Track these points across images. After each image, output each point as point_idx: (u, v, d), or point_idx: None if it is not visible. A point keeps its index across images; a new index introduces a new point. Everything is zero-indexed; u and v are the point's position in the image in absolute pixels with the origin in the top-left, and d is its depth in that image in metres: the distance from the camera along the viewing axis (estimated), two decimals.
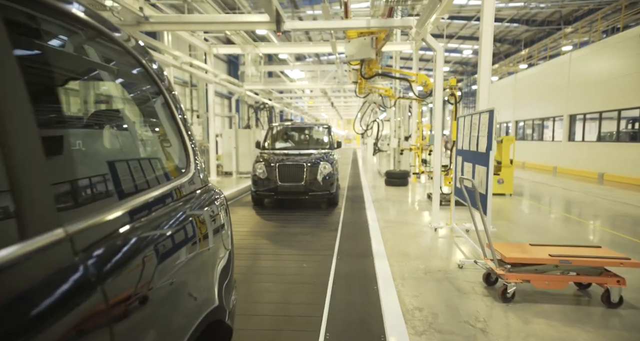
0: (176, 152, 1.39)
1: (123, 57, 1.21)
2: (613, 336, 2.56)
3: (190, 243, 1.20)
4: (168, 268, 1.05)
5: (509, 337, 2.56)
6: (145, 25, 5.52)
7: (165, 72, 1.42)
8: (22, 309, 0.59)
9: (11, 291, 0.59)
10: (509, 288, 3.05)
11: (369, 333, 2.60)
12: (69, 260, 0.73)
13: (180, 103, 1.45)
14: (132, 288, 0.88)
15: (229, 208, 1.70)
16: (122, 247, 0.88)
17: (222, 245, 1.49)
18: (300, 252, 4.47)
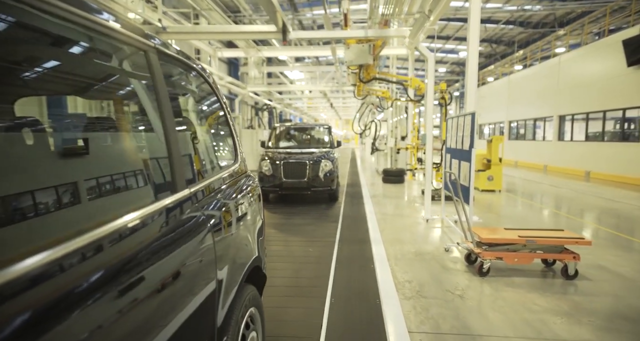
0: (230, 147, 1.95)
1: (200, 80, 1.77)
2: (565, 300, 3.12)
3: (244, 206, 1.76)
4: (236, 219, 1.61)
5: (481, 301, 3.12)
6: (163, 35, 6.06)
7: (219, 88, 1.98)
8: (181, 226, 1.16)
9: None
10: (484, 264, 3.61)
11: (367, 298, 3.16)
12: (193, 207, 1.29)
13: (230, 111, 2.01)
14: (223, 223, 1.44)
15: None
16: (217, 200, 1.45)
17: (258, 213, 2.05)
18: (305, 239, 5.02)
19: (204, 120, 1.90)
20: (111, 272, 0.82)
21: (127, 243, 0.91)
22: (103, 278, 0.79)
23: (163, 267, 1.01)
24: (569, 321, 2.75)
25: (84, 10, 0.92)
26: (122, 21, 1.12)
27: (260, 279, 2.03)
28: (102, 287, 0.78)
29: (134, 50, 1.19)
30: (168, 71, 1.43)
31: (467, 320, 2.78)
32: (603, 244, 4.82)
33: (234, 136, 1.98)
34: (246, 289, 1.72)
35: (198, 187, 1.36)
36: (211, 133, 1.89)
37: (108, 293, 0.79)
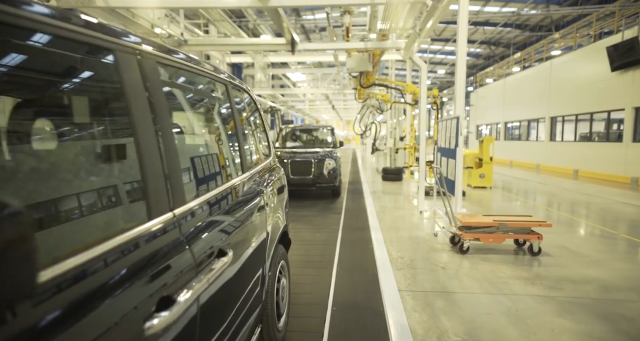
0: (266, 145, 2.68)
1: (244, 94, 2.49)
2: (527, 269, 3.84)
3: (277, 187, 2.49)
4: (272, 197, 2.33)
5: (459, 271, 3.84)
6: (184, 47, 6.80)
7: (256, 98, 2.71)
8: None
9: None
10: (464, 244, 4.33)
11: (366, 269, 3.88)
12: (254, 182, 2.02)
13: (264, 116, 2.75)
14: (269, 194, 2.18)
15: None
16: (264, 179, 2.19)
17: (284, 191, 2.78)
18: (312, 227, 5.74)
19: (254, 127, 2.62)
20: (232, 204, 1.58)
21: (235, 191, 1.69)
22: (230, 206, 1.54)
23: (250, 207, 1.80)
24: (525, 283, 3.47)
25: (196, 65, 1.64)
26: (216, 68, 1.86)
27: (287, 242, 2.76)
28: (230, 211, 1.53)
29: (221, 85, 1.93)
30: (237, 95, 2.16)
31: (445, 283, 3.50)
32: (570, 230, 5.54)
33: (269, 138, 2.71)
34: (279, 247, 2.45)
35: (254, 170, 2.09)
36: (258, 136, 2.62)
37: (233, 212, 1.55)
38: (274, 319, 2.28)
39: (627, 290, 3.31)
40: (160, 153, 1.17)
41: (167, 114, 1.29)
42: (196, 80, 1.70)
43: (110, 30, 1.08)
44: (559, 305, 3.02)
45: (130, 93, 1.10)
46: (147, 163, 1.11)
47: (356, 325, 2.70)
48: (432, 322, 2.75)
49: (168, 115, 1.30)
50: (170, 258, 1.10)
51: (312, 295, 3.23)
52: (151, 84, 1.21)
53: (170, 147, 1.25)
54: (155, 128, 1.18)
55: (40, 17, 0.82)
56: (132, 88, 1.11)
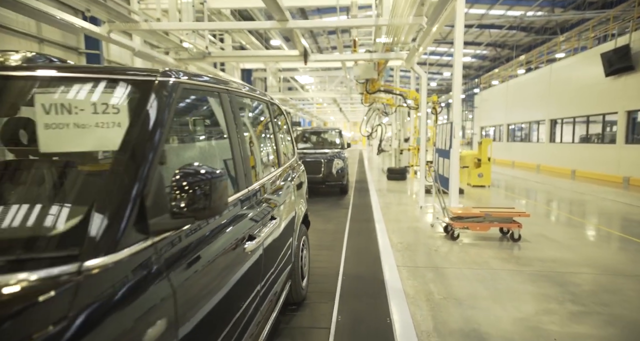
0: (290, 147, 3.44)
1: (278, 109, 3.24)
2: (506, 252, 4.54)
3: (301, 180, 3.24)
4: (299, 183, 3.08)
5: (449, 253, 4.55)
6: (208, 58, 7.59)
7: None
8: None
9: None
10: (455, 231, 5.04)
11: (370, 251, 4.60)
12: (287, 173, 2.78)
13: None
14: (296, 182, 2.93)
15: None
16: (293, 170, 2.94)
17: (305, 184, 3.52)
18: (324, 219, 6.48)
19: (285, 133, 3.37)
20: (275, 188, 2.32)
21: (276, 179, 2.43)
22: (275, 189, 2.29)
23: (285, 191, 2.56)
24: (502, 261, 4.18)
25: (252, 92, 2.41)
26: (261, 92, 2.62)
27: (307, 223, 3.50)
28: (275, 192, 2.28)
29: (266, 104, 2.70)
30: (274, 110, 2.93)
31: (436, 261, 4.22)
32: (552, 222, 6.23)
33: (293, 141, 3.47)
34: (302, 226, 3.19)
35: (286, 166, 2.85)
36: (288, 140, 3.37)
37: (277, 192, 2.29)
38: (299, 278, 3.02)
39: (584, 266, 4.01)
40: (240, 150, 1.94)
41: (243, 125, 2.06)
42: (254, 101, 2.47)
43: (218, 80, 1.85)
44: (527, 276, 3.73)
45: (227, 114, 1.87)
46: (236, 157, 1.87)
47: (361, 289, 3.44)
48: (422, 287, 3.48)
49: (243, 125, 2.07)
50: (248, 217, 1.86)
51: (326, 269, 3.97)
52: (234, 107, 1.98)
53: (245, 147, 2.01)
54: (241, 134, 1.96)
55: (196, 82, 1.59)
56: (227, 111, 1.88)
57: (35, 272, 0.84)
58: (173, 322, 1.10)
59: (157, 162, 1.20)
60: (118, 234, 1.00)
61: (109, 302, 0.89)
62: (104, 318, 0.86)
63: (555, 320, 2.83)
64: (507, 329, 2.71)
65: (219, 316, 1.41)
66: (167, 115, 1.32)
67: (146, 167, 1.14)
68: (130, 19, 5.65)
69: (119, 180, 1.09)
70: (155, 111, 1.29)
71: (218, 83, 1.85)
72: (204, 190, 1.18)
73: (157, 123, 1.27)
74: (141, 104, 1.30)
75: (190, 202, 1.17)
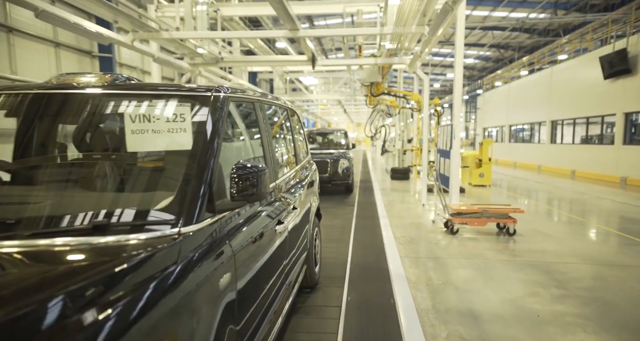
0: (304, 148, 3.83)
1: (294, 114, 3.63)
2: (501, 245, 4.90)
3: (313, 174, 3.63)
4: (312, 180, 3.47)
5: (448, 245, 4.92)
6: (220, 63, 8.00)
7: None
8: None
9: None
10: (454, 226, 5.41)
11: (375, 244, 4.98)
12: (304, 170, 3.17)
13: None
14: (311, 178, 3.32)
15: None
16: (307, 168, 3.34)
17: (317, 181, 3.91)
18: (331, 215, 6.86)
19: (299, 135, 3.76)
20: (295, 182, 2.72)
21: (296, 174, 2.83)
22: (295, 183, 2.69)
23: (303, 184, 2.93)
24: (497, 252, 4.54)
25: (276, 100, 2.80)
26: (284, 100, 3.02)
27: (319, 216, 3.89)
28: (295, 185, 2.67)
29: (285, 110, 3.10)
30: (292, 114, 3.32)
31: (436, 252, 4.59)
32: (547, 219, 6.58)
33: (306, 142, 3.86)
34: (315, 219, 3.58)
35: (302, 163, 3.23)
36: (302, 141, 3.76)
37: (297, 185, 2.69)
38: (313, 264, 3.41)
39: (571, 257, 4.37)
40: (269, 149, 2.33)
41: (270, 128, 2.46)
42: (277, 108, 2.86)
43: (252, 92, 2.25)
44: (517, 265, 4.09)
45: (259, 119, 2.27)
46: (267, 155, 2.27)
47: (367, 275, 3.82)
48: (422, 274, 3.86)
49: (271, 128, 2.46)
50: (277, 205, 2.25)
51: (335, 259, 4.35)
52: (264, 113, 2.37)
53: (273, 146, 2.41)
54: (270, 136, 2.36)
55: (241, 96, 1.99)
56: (259, 117, 2.28)
57: (156, 232, 1.24)
58: (234, 276, 1.49)
59: (218, 158, 1.59)
60: (198, 211, 1.39)
61: (198, 253, 1.29)
62: (197, 262, 1.25)
63: (539, 301, 3.19)
64: (496, 307, 3.08)
65: (260, 278, 1.81)
66: (221, 121, 1.71)
67: (211, 163, 1.53)
68: (152, 28, 6.06)
69: (196, 173, 1.48)
70: (213, 119, 1.69)
71: (253, 95, 2.25)
72: (252, 180, 1.57)
73: (215, 129, 1.66)
74: (202, 114, 1.69)
75: (243, 189, 1.55)
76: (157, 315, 1.00)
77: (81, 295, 0.90)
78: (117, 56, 13.14)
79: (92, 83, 1.76)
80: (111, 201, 1.55)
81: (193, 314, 1.17)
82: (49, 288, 0.91)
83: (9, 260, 1.09)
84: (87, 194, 1.56)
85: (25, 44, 10.33)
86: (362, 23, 8.14)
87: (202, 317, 1.22)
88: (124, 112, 1.71)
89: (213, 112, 1.71)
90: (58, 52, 11.34)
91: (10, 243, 1.14)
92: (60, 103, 1.76)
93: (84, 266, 1.07)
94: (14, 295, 0.89)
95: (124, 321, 0.91)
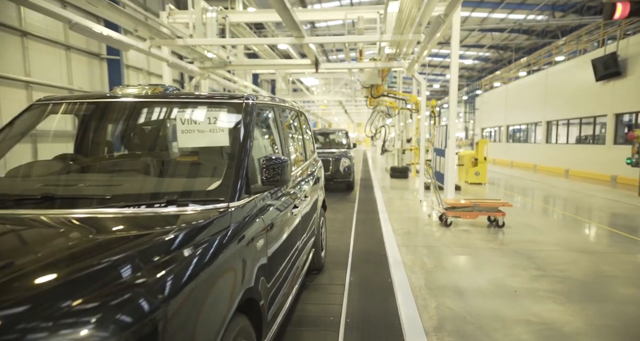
0: (312, 146, 4.27)
1: (303, 116, 4.07)
2: (490, 236, 5.35)
3: (320, 169, 4.08)
4: (318, 175, 3.92)
5: (442, 236, 5.36)
6: (228, 66, 8.44)
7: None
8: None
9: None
10: (448, 219, 5.85)
11: (375, 235, 5.42)
12: (312, 165, 3.62)
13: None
14: (318, 173, 3.77)
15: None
16: (314, 165, 3.79)
17: (322, 176, 4.35)
18: (333, 211, 7.30)
19: (307, 134, 4.20)
20: (306, 175, 3.16)
21: (306, 168, 3.27)
22: (307, 175, 3.13)
23: (312, 177, 3.38)
24: (486, 242, 4.99)
25: (291, 105, 3.25)
26: (296, 104, 3.46)
27: (325, 207, 4.34)
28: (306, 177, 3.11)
29: (295, 112, 3.54)
30: (302, 116, 3.77)
31: (430, 241, 5.04)
32: (536, 213, 7.02)
33: (313, 140, 4.31)
34: (321, 209, 4.02)
35: (311, 159, 3.68)
36: (309, 139, 4.21)
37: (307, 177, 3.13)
38: (319, 249, 3.85)
39: (553, 245, 4.82)
40: (286, 145, 2.78)
41: (286, 128, 2.90)
42: (290, 111, 3.31)
43: (272, 99, 2.70)
44: (503, 252, 4.54)
45: (277, 120, 2.72)
46: (284, 150, 2.72)
47: (368, 260, 4.26)
48: (417, 259, 4.30)
49: (286, 128, 2.91)
50: (293, 192, 2.70)
51: (338, 248, 4.79)
52: (281, 115, 2.83)
53: (288, 142, 2.86)
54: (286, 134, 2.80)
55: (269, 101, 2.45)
56: (277, 119, 2.73)
57: (214, 205, 1.68)
58: (266, 243, 1.93)
59: (251, 152, 2.03)
60: (239, 192, 1.83)
61: (242, 221, 1.73)
62: (242, 227, 1.70)
63: (519, 280, 3.64)
64: (480, 285, 3.52)
65: (282, 250, 2.25)
66: (252, 123, 2.16)
67: (247, 155, 1.98)
68: (166, 35, 6.51)
69: (236, 164, 1.92)
70: (245, 121, 2.13)
71: (272, 100, 2.70)
72: (277, 169, 2.01)
73: (247, 129, 2.10)
74: (237, 117, 2.13)
75: (271, 176, 1.99)
76: (220, 257, 1.45)
77: (173, 241, 1.35)
78: (124, 58, 13.58)
79: (149, 93, 2.20)
80: (178, 184, 2.00)
81: (241, 261, 1.62)
82: (149, 238, 1.36)
83: (113, 220, 1.54)
84: (158, 179, 2.01)
85: (38, 47, 10.79)
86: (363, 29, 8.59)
87: (247, 266, 1.66)
88: (175, 116, 2.16)
89: (245, 115, 2.15)
90: (69, 55, 11.79)
91: (111, 211, 1.59)
92: (125, 109, 2.21)
93: (167, 224, 1.52)
94: (134, 238, 1.34)
95: (203, 257, 1.36)
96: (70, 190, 1.82)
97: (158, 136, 2.30)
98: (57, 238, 1.38)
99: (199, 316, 1.25)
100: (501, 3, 22.38)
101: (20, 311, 0.94)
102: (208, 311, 1.30)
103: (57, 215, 1.54)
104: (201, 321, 1.25)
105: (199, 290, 1.27)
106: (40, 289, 1.04)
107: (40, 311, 0.94)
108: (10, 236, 1.43)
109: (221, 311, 1.39)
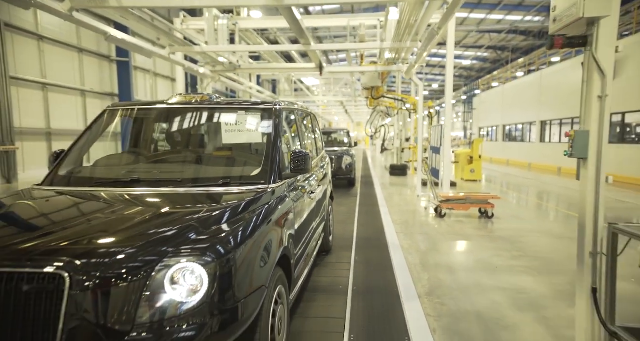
0: (321, 144, 4.84)
1: (314, 118, 4.64)
2: (479, 225, 5.92)
3: (328, 164, 4.65)
4: (327, 169, 4.49)
5: (437, 225, 5.93)
6: (237, 70, 9.01)
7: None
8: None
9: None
10: (442, 211, 6.42)
11: (376, 225, 5.99)
12: (323, 159, 4.19)
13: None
14: (327, 167, 4.34)
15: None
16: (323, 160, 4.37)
17: (330, 171, 4.92)
18: (336, 204, 7.85)
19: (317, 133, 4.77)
20: (319, 168, 3.74)
21: (319, 162, 3.84)
22: (319, 168, 3.70)
23: (323, 170, 3.95)
24: (476, 230, 5.56)
25: (306, 109, 3.82)
26: (308, 108, 4.04)
27: (332, 198, 4.91)
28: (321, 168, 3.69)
29: (309, 114, 4.12)
30: (314, 117, 4.34)
31: (426, 230, 5.61)
32: (524, 206, 7.61)
33: (322, 138, 4.89)
34: (329, 199, 4.59)
35: (321, 155, 4.25)
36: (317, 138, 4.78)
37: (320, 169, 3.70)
38: (328, 234, 4.42)
39: (535, 232, 5.40)
40: (304, 142, 3.34)
41: (303, 127, 3.48)
42: (304, 113, 3.89)
43: (293, 104, 3.27)
44: (490, 238, 5.11)
45: (297, 121, 3.29)
46: (303, 146, 3.29)
47: (370, 245, 4.83)
48: (414, 243, 4.87)
49: (303, 127, 3.48)
50: (311, 180, 3.27)
51: (343, 235, 5.37)
52: (300, 117, 3.40)
53: (305, 139, 3.43)
54: (303, 132, 3.38)
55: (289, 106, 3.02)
56: (298, 120, 3.30)
57: (257, 186, 2.26)
58: (294, 217, 2.50)
59: (281, 147, 2.60)
60: (275, 177, 2.40)
61: (279, 197, 2.31)
62: (280, 201, 2.28)
63: (500, 260, 4.22)
64: (467, 264, 4.10)
65: (305, 223, 2.84)
66: (280, 124, 2.72)
67: (279, 150, 2.55)
68: (181, 40, 7.07)
69: (272, 156, 2.49)
70: (276, 123, 2.70)
71: (293, 105, 3.27)
72: (302, 161, 2.58)
73: (277, 129, 2.67)
74: (269, 119, 2.70)
75: (297, 166, 2.56)
76: (268, 221, 2.02)
77: (237, 207, 1.92)
78: (133, 60, 14.14)
79: (199, 101, 2.78)
80: (228, 171, 2.58)
81: (280, 227, 2.19)
82: (221, 206, 1.93)
83: (191, 195, 2.13)
84: (212, 167, 2.58)
85: (53, 50, 11.35)
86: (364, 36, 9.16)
87: (284, 231, 2.24)
88: (219, 119, 2.74)
89: (275, 118, 2.72)
90: (81, 57, 12.36)
91: (182, 190, 2.17)
92: (180, 114, 2.79)
93: (229, 198, 2.09)
94: (210, 206, 1.92)
95: (257, 220, 1.93)
96: (150, 175, 2.40)
97: (207, 134, 2.88)
98: (156, 207, 1.96)
99: (255, 260, 1.82)
100: (499, 4, 22.93)
101: (160, 242, 1.53)
102: (263, 255, 1.87)
103: (149, 192, 2.12)
104: (257, 264, 1.82)
105: (257, 242, 1.84)
106: (167, 232, 1.62)
107: (170, 242, 1.52)
108: (126, 205, 2.01)
109: (270, 260, 1.96)
